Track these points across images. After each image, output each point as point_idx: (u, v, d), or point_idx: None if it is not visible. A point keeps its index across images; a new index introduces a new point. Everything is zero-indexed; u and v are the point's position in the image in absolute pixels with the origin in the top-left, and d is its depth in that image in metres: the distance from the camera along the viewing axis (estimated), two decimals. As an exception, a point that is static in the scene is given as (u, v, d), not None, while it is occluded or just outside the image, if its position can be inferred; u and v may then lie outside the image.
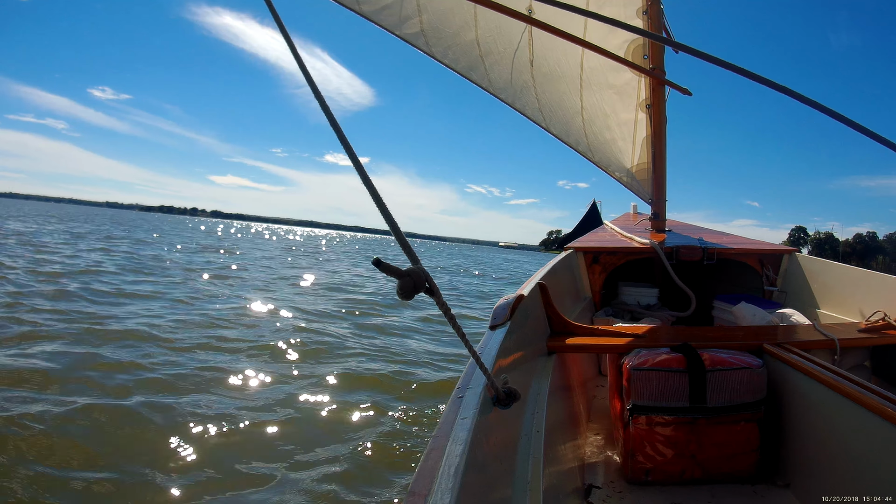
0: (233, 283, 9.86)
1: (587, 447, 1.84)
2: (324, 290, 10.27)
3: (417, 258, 0.83)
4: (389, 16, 3.01)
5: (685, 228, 3.74)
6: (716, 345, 1.71)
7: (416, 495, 0.68)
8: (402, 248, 0.84)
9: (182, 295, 7.66)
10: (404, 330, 6.83)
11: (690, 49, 1.43)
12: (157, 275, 9.80)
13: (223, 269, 12.53)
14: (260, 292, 8.97)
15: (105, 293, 7.09)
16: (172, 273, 10.40)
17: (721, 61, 1.29)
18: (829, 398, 1.41)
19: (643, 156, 3.52)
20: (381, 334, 6.43)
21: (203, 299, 7.56)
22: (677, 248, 2.90)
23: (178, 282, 9.16)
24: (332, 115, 0.89)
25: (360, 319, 7.27)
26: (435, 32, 3.12)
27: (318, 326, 6.31)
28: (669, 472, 1.54)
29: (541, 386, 1.43)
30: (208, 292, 8.33)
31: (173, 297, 7.36)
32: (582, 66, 3.33)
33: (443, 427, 0.85)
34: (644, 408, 1.54)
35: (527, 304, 1.64)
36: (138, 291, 7.55)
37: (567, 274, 2.83)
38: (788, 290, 2.91)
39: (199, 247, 19.73)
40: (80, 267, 9.48)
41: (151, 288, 8.05)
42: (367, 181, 0.85)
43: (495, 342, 1.23)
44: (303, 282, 11.41)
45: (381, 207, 0.85)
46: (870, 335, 1.91)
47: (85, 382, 3.60)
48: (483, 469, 0.84)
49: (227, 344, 5.08)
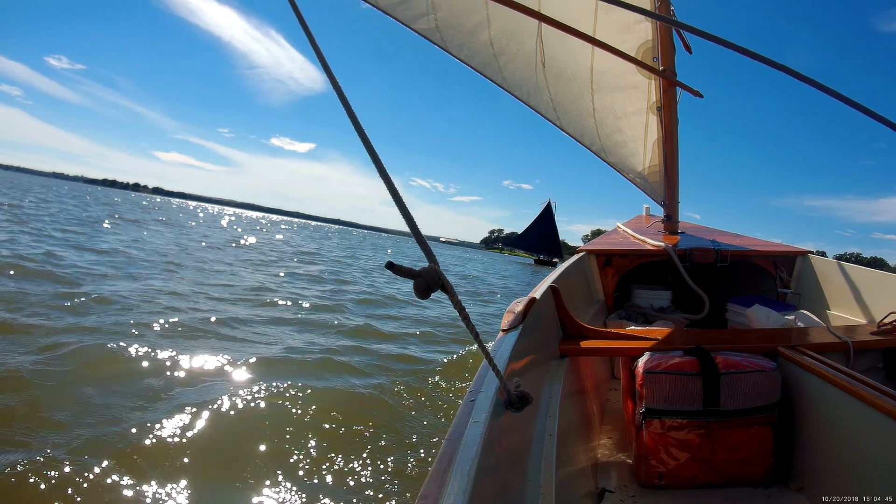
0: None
1: (600, 451, 1.84)
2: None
3: (435, 258, 0.84)
4: (405, 10, 3.06)
5: (698, 230, 3.71)
6: (729, 347, 1.70)
7: (427, 498, 0.68)
8: (421, 248, 0.86)
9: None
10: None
11: (697, 30, 1.39)
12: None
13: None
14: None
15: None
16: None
17: (728, 43, 1.26)
18: (843, 401, 1.40)
19: (654, 158, 3.51)
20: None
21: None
22: (690, 251, 2.89)
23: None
24: (356, 120, 0.91)
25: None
26: (449, 30, 3.16)
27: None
28: (683, 475, 1.54)
29: (553, 389, 1.43)
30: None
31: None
32: (592, 68, 3.34)
33: (455, 430, 0.85)
34: (657, 411, 1.54)
35: (539, 307, 1.65)
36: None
37: (579, 277, 2.83)
38: (802, 293, 2.88)
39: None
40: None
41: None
42: (390, 183, 0.88)
43: (507, 345, 1.24)
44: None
45: (404, 212, 0.87)
46: (884, 337, 1.89)
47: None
48: (495, 473, 0.85)
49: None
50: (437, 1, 3.03)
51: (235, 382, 3.86)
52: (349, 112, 0.91)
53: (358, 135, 0.90)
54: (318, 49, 0.96)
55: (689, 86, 3.17)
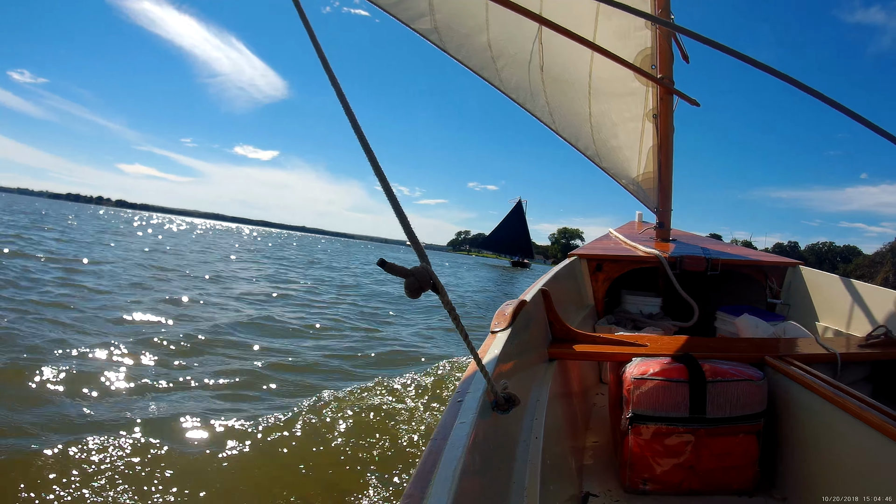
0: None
1: (586, 455, 1.84)
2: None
3: (426, 257, 0.85)
4: (405, 10, 3.04)
5: (690, 238, 3.73)
6: (717, 356, 1.71)
7: (411, 497, 0.68)
8: (414, 248, 0.86)
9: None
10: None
11: (696, 34, 1.39)
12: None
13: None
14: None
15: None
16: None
17: (725, 48, 1.26)
18: (829, 412, 1.40)
19: (649, 165, 3.53)
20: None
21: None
22: (681, 258, 2.90)
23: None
24: (362, 133, 0.91)
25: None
26: (448, 31, 3.15)
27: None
28: (667, 482, 1.53)
29: (541, 392, 1.43)
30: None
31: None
32: (591, 74, 3.35)
33: (441, 430, 0.85)
34: (644, 417, 1.53)
35: (529, 310, 1.64)
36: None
37: (570, 281, 2.82)
38: (791, 303, 2.90)
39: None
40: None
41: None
42: (390, 192, 0.88)
43: (496, 347, 1.23)
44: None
45: (399, 213, 0.87)
46: (872, 350, 1.90)
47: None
48: (480, 474, 0.84)
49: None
50: (438, 2, 3.01)
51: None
52: (351, 119, 0.90)
53: (361, 144, 0.90)
54: (324, 58, 0.95)
55: (686, 94, 3.19)
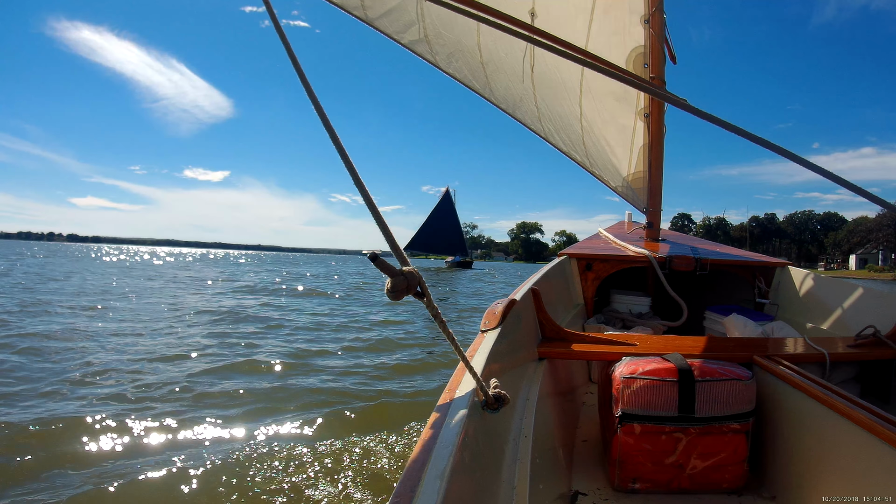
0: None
1: (575, 454, 1.83)
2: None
3: (408, 262, 0.82)
4: (392, 22, 3.01)
5: (679, 238, 3.75)
6: (706, 355, 1.71)
7: (401, 497, 0.67)
8: (395, 254, 0.85)
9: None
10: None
11: (680, 103, 1.36)
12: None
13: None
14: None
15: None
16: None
17: (714, 118, 1.24)
18: (817, 412, 1.41)
19: (639, 164, 3.54)
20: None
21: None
22: (671, 258, 2.91)
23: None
24: (344, 150, 0.89)
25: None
26: (438, 38, 3.12)
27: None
28: (656, 481, 1.53)
29: (530, 391, 1.42)
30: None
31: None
32: (583, 71, 3.34)
33: (430, 430, 0.84)
34: (633, 416, 1.53)
35: (518, 309, 1.63)
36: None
37: (560, 280, 2.82)
38: (780, 303, 2.92)
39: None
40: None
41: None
42: (371, 205, 0.86)
43: (485, 346, 1.22)
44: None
45: (378, 220, 0.86)
46: (860, 350, 1.92)
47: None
48: (469, 473, 0.83)
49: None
50: (427, 8, 2.98)
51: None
52: (329, 130, 0.88)
53: (340, 156, 0.88)
54: (304, 77, 0.92)
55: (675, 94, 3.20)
